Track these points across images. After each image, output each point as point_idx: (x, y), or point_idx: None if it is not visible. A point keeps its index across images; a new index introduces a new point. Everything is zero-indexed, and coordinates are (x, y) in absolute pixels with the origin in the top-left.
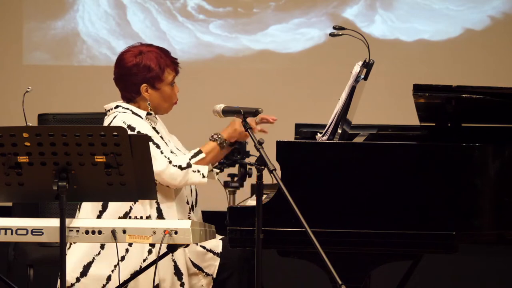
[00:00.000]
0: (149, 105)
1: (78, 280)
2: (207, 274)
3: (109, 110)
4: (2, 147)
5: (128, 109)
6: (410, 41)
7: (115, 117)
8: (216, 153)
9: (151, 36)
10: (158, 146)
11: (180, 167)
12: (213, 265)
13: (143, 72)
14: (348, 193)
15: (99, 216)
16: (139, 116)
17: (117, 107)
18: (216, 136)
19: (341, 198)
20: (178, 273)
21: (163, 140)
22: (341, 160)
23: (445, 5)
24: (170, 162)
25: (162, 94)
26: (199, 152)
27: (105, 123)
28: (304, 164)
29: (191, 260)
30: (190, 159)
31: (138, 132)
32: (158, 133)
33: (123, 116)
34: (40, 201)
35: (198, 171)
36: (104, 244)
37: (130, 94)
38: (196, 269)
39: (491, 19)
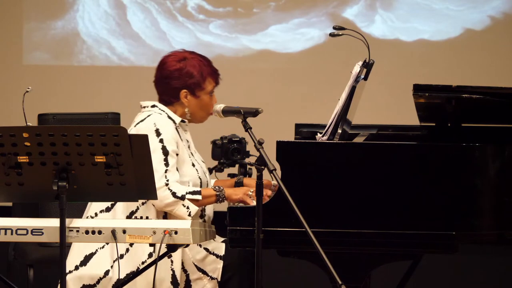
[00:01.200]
0: (187, 111)
1: (77, 268)
2: (212, 278)
3: (144, 107)
4: (2, 147)
5: (164, 111)
6: (410, 41)
7: (149, 115)
8: (210, 201)
9: (151, 36)
10: (167, 164)
11: (174, 194)
12: (217, 268)
13: (185, 77)
14: (348, 193)
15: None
16: (173, 121)
17: (153, 106)
18: (218, 188)
19: (341, 198)
20: (174, 282)
21: (190, 150)
22: (341, 160)
23: (445, 5)
24: (167, 185)
25: (200, 102)
26: (198, 192)
27: (137, 119)
28: (304, 164)
29: (195, 264)
30: (187, 193)
31: (161, 139)
32: (187, 141)
33: (156, 117)
34: (40, 201)
35: (188, 208)
36: None
37: (168, 98)
38: (200, 273)
39: (491, 19)
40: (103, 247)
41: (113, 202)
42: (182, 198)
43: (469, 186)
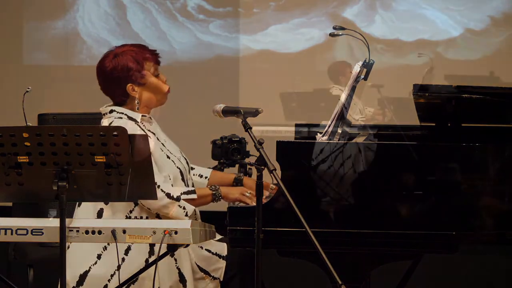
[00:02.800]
0: (137, 103)
1: None
2: (214, 278)
3: (104, 114)
4: (2, 147)
5: (122, 113)
6: (410, 41)
7: (110, 123)
8: (206, 201)
9: (151, 36)
10: None
11: (168, 195)
12: (219, 268)
13: (123, 73)
14: (348, 193)
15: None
16: (135, 120)
17: (111, 111)
18: (214, 187)
19: (341, 198)
20: (182, 280)
21: (159, 141)
22: (341, 160)
23: (445, 5)
24: (159, 187)
25: (149, 88)
26: (193, 192)
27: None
28: (304, 164)
29: (197, 265)
30: (181, 194)
31: None
32: (154, 134)
33: (118, 123)
34: (40, 201)
35: (184, 208)
36: (101, 254)
37: (120, 99)
38: (202, 273)
39: (491, 19)
40: (95, 263)
41: (96, 216)
42: (178, 199)
43: (469, 186)
